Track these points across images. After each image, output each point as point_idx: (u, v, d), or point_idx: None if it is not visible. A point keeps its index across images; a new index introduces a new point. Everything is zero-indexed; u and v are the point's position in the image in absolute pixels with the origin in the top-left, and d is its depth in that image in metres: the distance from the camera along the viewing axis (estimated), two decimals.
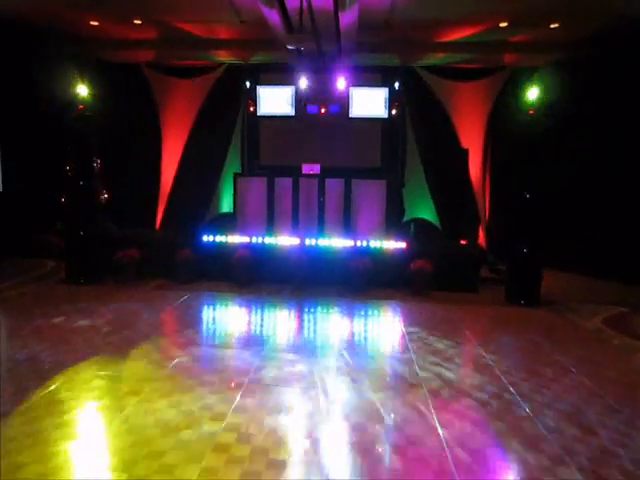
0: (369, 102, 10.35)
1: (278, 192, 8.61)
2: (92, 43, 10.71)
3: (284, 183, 8.62)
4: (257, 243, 8.46)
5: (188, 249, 8.39)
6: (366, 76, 10.67)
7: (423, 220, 11.20)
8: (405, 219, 11.05)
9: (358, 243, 8.32)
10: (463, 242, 10.49)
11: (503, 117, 9.96)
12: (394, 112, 10.59)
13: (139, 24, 9.78)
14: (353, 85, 10.25)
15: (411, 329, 6.25)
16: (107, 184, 10.80)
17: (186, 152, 11.45)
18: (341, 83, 10.08)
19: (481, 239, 10.88)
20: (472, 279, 8.42)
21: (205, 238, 8.55)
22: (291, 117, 10.47)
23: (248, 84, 10.56)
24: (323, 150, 11.09)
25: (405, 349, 5.43)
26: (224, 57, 11.12)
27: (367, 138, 10.97)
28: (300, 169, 9.74)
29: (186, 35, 10.28)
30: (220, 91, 11.23)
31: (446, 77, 10.88)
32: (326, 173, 9.12)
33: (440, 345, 5.58)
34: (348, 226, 8.60)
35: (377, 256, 8.24)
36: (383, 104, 10.32)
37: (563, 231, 9.49)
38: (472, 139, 10.89)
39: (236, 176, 8.79)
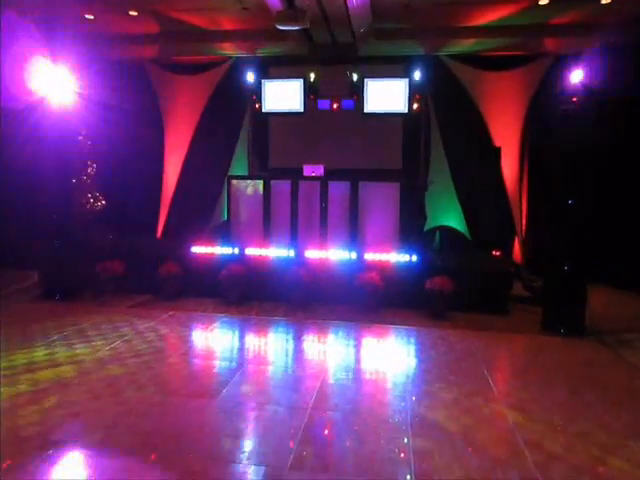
0: (387, 96, 9.08)
1: (275, 197, 7.49)
2: (92, 40, 10.05)
3: (281, 187, 7.50)
4: (250, 255, 7.38)
5: (173, 262, 7.42)
6: (383, 67, 9.42)
7: (449, 229, 9.81)
8: (429, 227, 9.70)
9: (366, 256, 7.10)
10: (496, 253, 9.14)
11: (544, 111, 8.48)
12: (415, 106, 9.27)
13: (135, 15, 8.98)
14: (369, 77, 9.03)
15: (416, 370, 4.98)
16: (105, 189, 10.15)
17: (190, 154, 10.57)
18: (355, 75, 8.91)
19: (516, 251, 9.38)
20: (502, 299, 7.01)
21: (194, 249, 7.56)
22: (299, 114, 9.36)
23: (252, 78, 9.52)
24: (336, 150, 9.93)
25: (398, 408, 4.13)
26: (229, 50, 10.16)
27: (385, 136, 9.71)
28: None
29: (187, 27, 9.42)
30: (226, 88, 10.28)
31: (476, 66, 9.47)
32: (337, 175, 7.92)
33: (448, 395, 4.27)
34: (355, 236, 7.36)
35: (389, 271, 6.98)
36: (402, 98, 9.03)
37: (614, 243, 7.91)
38: (507, 137, 9.40)
39: (229, 179, 7.75)
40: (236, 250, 7.40)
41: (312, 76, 8.99)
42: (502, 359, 5.53)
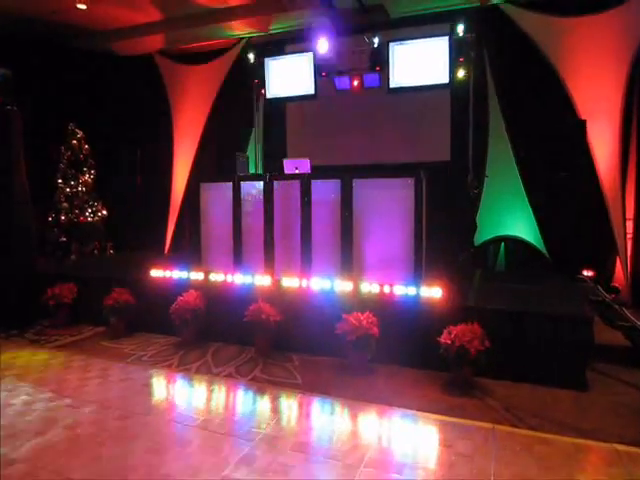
0: (420, 63, 6.55)
1: (245, 204, 5.39)
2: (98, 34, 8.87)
3: (250, 190, 5.37)
4: (213, 281, 5.40)
5: (126, 288, 5.70)
6: (417, 30, 6.88)
7: (515, 240, 6.95)
8: (482, 239, 6.95)
9: (363, 288, 4.73)
10: (588, 274, 6.35)
11: None
12: (461, 74, 6.60)
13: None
14: (395, 40, 6.58)
15: None
16: (107, 198, 8.90)
17: (199, 154, 8.95)
18: (377, 39, 6.53)
19: (618, 276, 6.27)
20: (576, 363, 4.17)
21: (153, 273, 5.77)
22: (311, 97, 7.20)
23: (252, 58, 7.53)
24: (365, 140, 7.62)
25: None
26: (239, 30, 8.35)
27: (421, 118, 7.16)
28: (342, 168, 6.48)
29: (193, 9, 7.80)
30: (237, 74, 8.47)
31: (553, 13, 6.54)
32: (329, 173, 5.57)
33: None
34: (349, 257, 4.99)
35: (393, 310, 4.56)
36: (442, 64, 6.43)
37: None
38: (600, 107, 6.35)
39: (199, 183, 5.84)
40: (198, 275, 5.47)
41: (324, 46, 6.78)
42: None
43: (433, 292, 4.49)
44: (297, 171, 5.32)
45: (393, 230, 4.87)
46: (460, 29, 6.28)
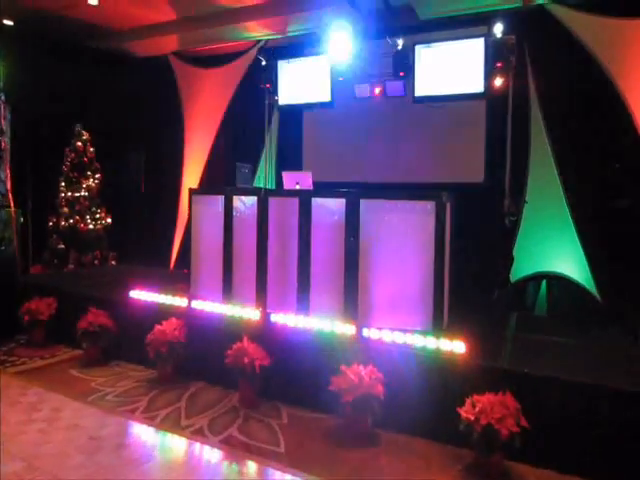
0: (450, 69, 5.66)
1: (236, 222, 4.58)
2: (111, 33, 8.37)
3: (243, 206, 4.56)
4: (197, 310, 4.61)
5: (102, 310, 4.98)
6: (448, 33, 5.99)
7: (560, 278, 5.90)
8: (523, 274, 5.93)
9: (366, 333, 3.85)
10: None
11: None
12: (498, 82, 5.66)
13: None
14: (421, 43, 5.71)
15: None
16: (112, 205, 8.30)
17: (210, 162, 8.27)
18: (401, 42, 5.69)
19: None
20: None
21: (133, 294, 5.03)
22: (328, 105, 6.40)
23: (265, 61, 6.78)
24: (385, 155, 6.78)
25: None
26: (256, 31, 7.67)
27: (450, 133, 6.26)
28: (357, 185, 5.63)
29: (207, 7, 7.20)
30: (253, 79, 7.77)
31: (611, 14, 5.56)
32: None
33: None
34: (353, 294, 4.10)
35: (405, 365, 3.65)
36: (476, 70, 5.53)
37: None
38: None
39: (190, 193, 5.06)
40: (182, 301, 4.70)
41: (343, 50, 5.99)
42: None
43: (455, 346, 3.55)
44: (298, 187, 4.50)
45: (408, 263, 3.96)
46: (498, 29, 5.34)
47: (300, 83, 6.55)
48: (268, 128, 7.27)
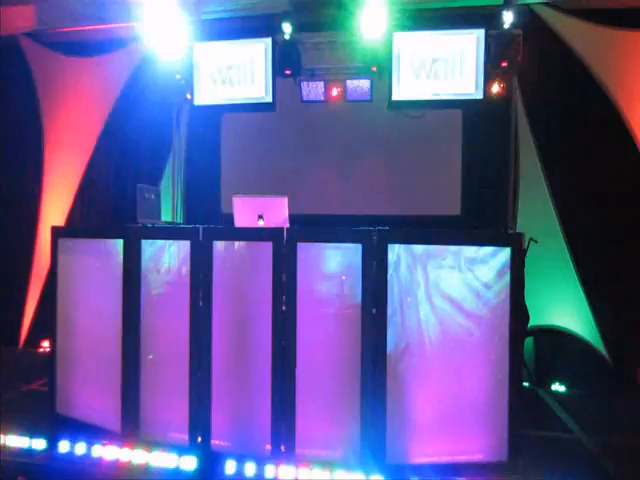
0: (439, 67, 4.27)
1: (151, 287, 2.49)
2: None
3: (163, 258, 2.49)
4: (64, 457, 2.35)
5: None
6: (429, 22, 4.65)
7: (558, 333, 4.71)
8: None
9: None
10: None
11: None
12: (496, 89, 4.39)
13: None
14: (402, 30, 4.23)
15: None
16: None
17: (86, 186, 5.76)
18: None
19: None
20: None
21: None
22: (266, 107, 4.56)
23: (174, 46, 4.69)
24: (337, 181, 5.13)
25: None
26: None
27: (430, 150, 4.86)
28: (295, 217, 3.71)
29: None
30: (151, 71, 5.56)
31: (602, 23, 4.68)
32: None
33: None
34: (379, 415, 2.23)
35: None
36: (472, 69, 4.21)
37: None
38: None
39: (53, 234, 2.79)
40: (21, 440, 2.39)
41: (288, 31, 4.27)
42: None
43: None
44: (262, 223, 2.54)
45: (469, 358, 2.25)
46: (506, 19, 4.06)
47: (227, 77, 4.59)
48: (176, 135, 5.11)
